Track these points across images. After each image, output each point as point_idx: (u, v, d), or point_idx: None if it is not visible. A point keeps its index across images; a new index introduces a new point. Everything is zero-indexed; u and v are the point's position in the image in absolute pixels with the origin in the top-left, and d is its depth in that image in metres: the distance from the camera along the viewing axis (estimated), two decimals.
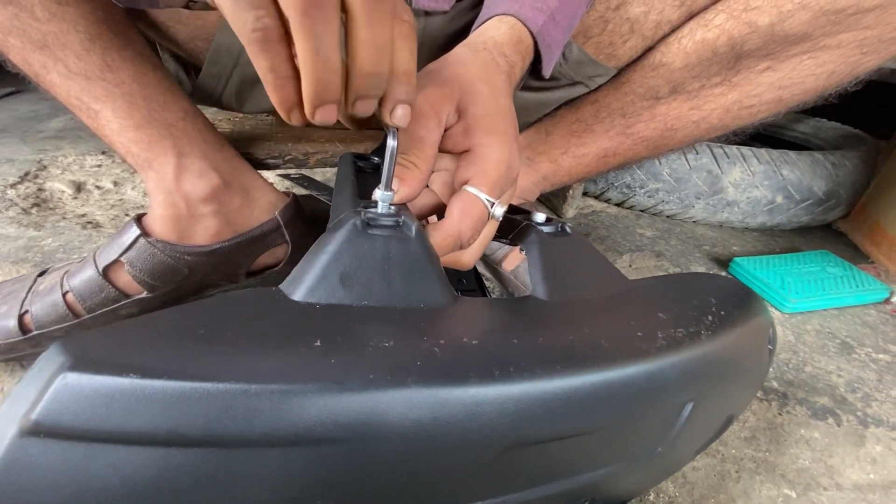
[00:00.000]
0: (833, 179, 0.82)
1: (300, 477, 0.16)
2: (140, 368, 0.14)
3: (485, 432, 0.18)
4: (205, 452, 0.15)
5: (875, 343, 0.59)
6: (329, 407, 0.16)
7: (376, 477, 0.18)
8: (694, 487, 0.38)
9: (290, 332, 0.18)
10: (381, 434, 0.17)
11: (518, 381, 0.19)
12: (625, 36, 0.46)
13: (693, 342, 0.23)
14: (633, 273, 0.68)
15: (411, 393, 0.17)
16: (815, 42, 0.42)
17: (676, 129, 0.50)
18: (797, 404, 0.48)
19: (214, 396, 0.15)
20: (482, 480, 0.20)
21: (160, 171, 0.41)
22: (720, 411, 0.30)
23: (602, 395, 0.20)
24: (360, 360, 0.17)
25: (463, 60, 0.29)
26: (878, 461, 0.43)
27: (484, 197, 0.26)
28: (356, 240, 0.21)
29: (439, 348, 0.19)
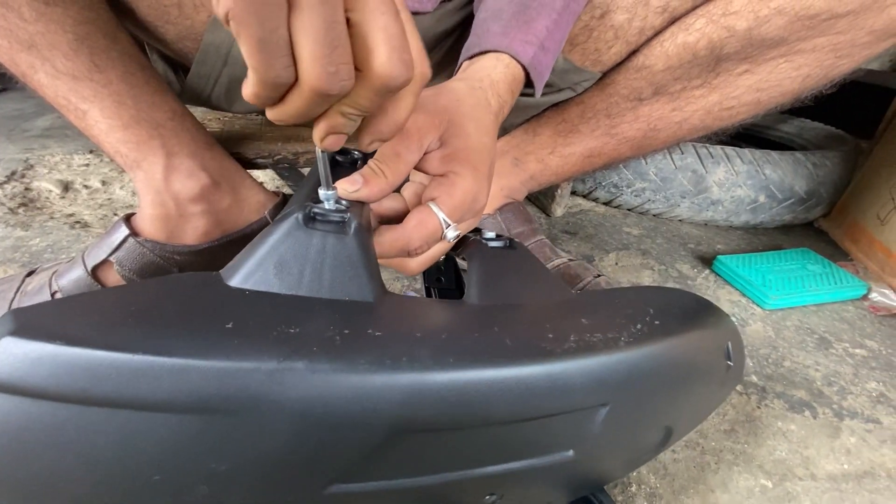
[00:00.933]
0: (814, 179, 0.84)
1: (196, 442, 0.18)
2: (66, 337, 0.17)
3: (370, 417, 0.19)
4: (113, 413, 0.17)
5: (852, 338, 0.61)
6: (223, 382, 0.18)
7: (265, 452, 0.19)
8: (674, 479, 0.39)
9: (210, 314, 0.20)
10: (269, 412, 0.18)
11: (408, 371, 0.19)
12: (609, 42, 0.47)
13: (608, 347, 0.24)
14: (619, 270, 0.70)
15: (299, 376, 0.18)
16: (790, 46, 0.43)
17: (659, 129, 0.52)
18: (775, 398, 0.49)
19: (120, 365, 0.17)
20: (372, 462, 0.21)
21: (149, 171, 0.41)
22: (652, 422, 0.30)
23: (497, 391, 0.21)
24: (260, 343, 0.19)
25: (458, 95, 0.31)
26: (852, 452, 0.44)
27: (442, 216, 0.28)
28: (295, 233, 0.23)
29: (341, 337, 0.20)
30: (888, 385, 0.53)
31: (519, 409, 0.22)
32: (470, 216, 0.30)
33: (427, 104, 0.29)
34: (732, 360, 0.31)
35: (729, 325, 0.31)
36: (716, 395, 0.34)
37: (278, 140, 0.55)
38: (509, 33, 0.37)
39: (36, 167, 0.76)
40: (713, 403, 0.35)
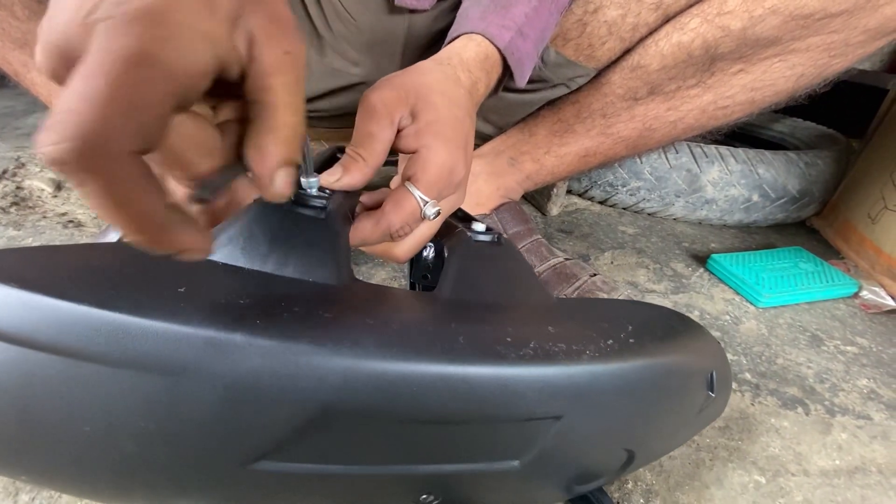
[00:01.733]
0: (806, 178, 0.84)
1: (127, 398, 0.19)
2: (23, 281, 0.18)
3: (303, 395, 0.19)
4: (51, 359, 0.18)
5: (843, 336, 0.61)
6: (160, 343, 0.18)
7: (193, 418, 0.19)
8: (670, 475, 0.40)
9: (166, 278, 0.20)
10: (201, 377, 0.18)
11: (347, 355, 0.19)
12: (603, 38, 0.47)
13: (568, 359, 0.23)
14: (614, 269, 0.70)
15: (236, 345, 0.18)
16: (785, 46, 0.44)
17: (655, 128, 0.52)
18: (768, 395, 0.50)
19: (66, 313, 0.18)
20: (301, 444, 0.21)
21: None
22: (611, 443, 0.28)
23: (437, 389, 0.20)
24: (205, 308, 0.19)
25: (424, 71, 0.30)
26: (843, 448, 0.45)
27: (418, 194, 0.27)
28: (269, 211, 0.23)
29: (288, 313, 0.20)
30: (878, 382, 0.54)
31: (461, 411, 0.21)
32: (449, 191, 0.29)
33: (393, 81, 0.29)
34: (714, 391, 0.29)
35: (716, 351, 0.30)
36: (691, 425, 0.32)
37: None
38: (486, 17, 0.36)
39: (28, 165, 0.75)
40: (688, 432, 0.34)
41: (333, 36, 0.50)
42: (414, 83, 0.29)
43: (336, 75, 0.52)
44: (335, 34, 0.50)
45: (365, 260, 0.62)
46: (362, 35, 0.49)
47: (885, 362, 0.57)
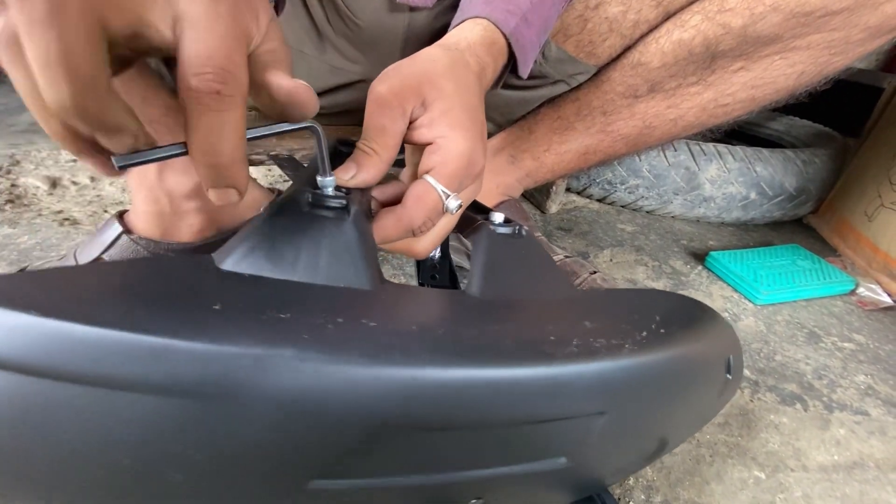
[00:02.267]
0: (803, 176, 0.85)
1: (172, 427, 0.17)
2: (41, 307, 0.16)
3: (358, 411, 0.18)
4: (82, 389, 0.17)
5: (840, 332, 0.62)
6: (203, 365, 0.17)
7: (244, 441, 0.18)
8: (671, 472, 0.40)
9: (197, 295, 0.19)
10: (252, 398, 0.17)
11: (400, 366, 0.19)
12: (604, 34, 0.47)
13: (610, 354, 0.23)
14: (613, 266, 0.70)
15: (286, 363, 0.17)
16: (785, 43, 0.44)
17: (655, 126, 0.52)
18: (767, 391, 0.50)
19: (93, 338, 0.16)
20: (357, 458, 0.20)
21: (142, 168, 0.40)
22: (648, 432, 0.29)
23: (491, 393, 0.20)
24: (246, 327, 0.18)
25: (433, 58, 0.29)
26: (841, 443, 0.45)
27: (440, 188, 0.26)
28: (291, 217, 0.22)
29: (333, 325, 0.19)
30: (876, 378, 0.54)
31: (515, 413, 0.21)
32: (469, 181, 0.28)
33: (402, 70, 0.27)
34: (731, 374, 0.30)
35: (731, 336, 0.31)
36: (712, 407, 0.33)
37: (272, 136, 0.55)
38: (491, 2, 0.36)
39: (22, 163, 0.75)
40: (708, 415, 0.35)
41: (333, 33, 0.50)
42: (424, 71, 0.28)
43: (336, 73, 0.52)
44: (335, 32, 0.50)
45: None
46: (362, 33, 0.49)
47: (881, 358, 0.58)
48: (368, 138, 0.26)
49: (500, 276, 0.27)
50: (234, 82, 0.18)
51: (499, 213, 0.31)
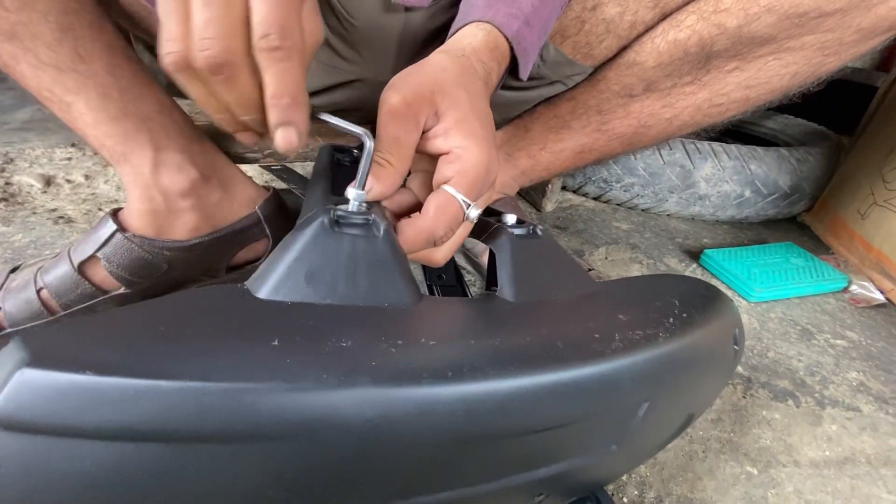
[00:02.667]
0: (797, 174, 0.85)
1: (252, 472, 0.17)
2: (96, 365, 0.15)
3: (436, 430, 0.19)
4: (158, 447, 0.16)
5: (833, 329, 0.62)
6: (280, 406, 0.16)
7: (328, 472, 0.18)
8: (664, 468, 0.40)
9: (249, 331, 0.18)
10: (333, 432, 0.17)
11: (470, 381, 0.19)
12: (601, 36, 0.47)
13: (650, 344, 0.24)
14: (608, 264, 0.70)
15: (363, 392, 0.17)
16: (779, 44, 0.44)
17: (650, 125, 0.52)
18: (760, 388, 0.51)
19: (167, 393, 0.15)
20: (435, 475, 0.21)
21: (136, 165, 0.40)
22: (679, 410, 0.31)
23: (554, 396, 0.21)
24: (314, 360, 0.18)
25: (442, 66, 0.29)
26: (833, 439, 0.46)
27: (461, 197, 0.27)
28: (323, 238, 0.22)
29: (395, 349, 0.19)
30: (867, 374, 0.55)
31: (575, 411, 0.22)
32: (486, 189, 0.28)
33: (412, 79, 0.28)
34: (738, 345, 0.32)
35: (735, 311, 0.33)
36: (725, 377, 0.35)
37: None
38: (493, 5, 0.36)
39: (16, 161, 0.74)
40: (722, 385, 0.37)
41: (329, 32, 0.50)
42: (435, 80, 0.28)
43: (331, 72, 0.52)
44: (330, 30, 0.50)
45: None
46: (357, 32, 0.48)
47: (873, 355, 0.58)
48: (383, 149, 0.26)
49: (528, 278, 0.27)
50: (291, 38, 0.22)
51: (510, 214, 0.31)
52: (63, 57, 0.36)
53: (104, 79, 0.37)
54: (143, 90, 0.40)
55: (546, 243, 0.30)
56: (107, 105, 0.38)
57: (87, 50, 0.36)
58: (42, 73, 0.36)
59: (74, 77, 0.36)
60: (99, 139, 0.39)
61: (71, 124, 0.39)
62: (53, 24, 0.34)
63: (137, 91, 0.39)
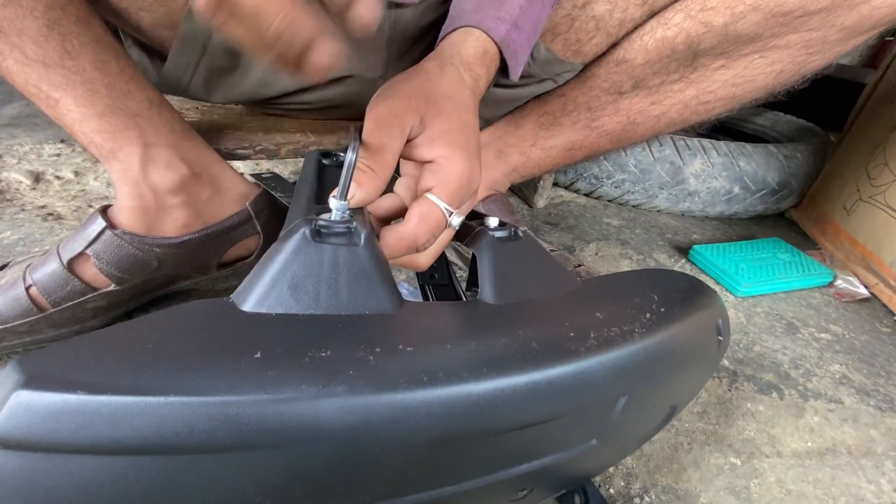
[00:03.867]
0: (786, 171, 0.86)
1: (239, 480, 0.18)
2: (87, 385, 0.16)
3: (414, 434, 0.20)
4: (148, 460, 0.17)
5: (818, 323, 0.64)
6: (262, 417, 0.17)
7: (312, 479, 0.19)
8: (650, 459, 0.41)
9: (233, 345, 0.19)
10: (313, 440, 0.18)
11: (445, 385, 0.20)
12: (591, 33, 0.47)
13: (625, 341, 0.25)
14: (598, 260, 0.71)
15: (341, 401, 0.18)
16: (765, 42, 0.44)
17: (639, 122, 0.53)
18: (745, 381, 0.52)
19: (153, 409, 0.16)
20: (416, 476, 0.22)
21: (125, 162, 0.40)
22: (660, 403, 0.31)
23: (529, 396, 0.22)
24: (294, 372, 0.18)
25: (430, 75, 0.30)
26: (815, 430, 0.47)
27: (443, 206, 0.27)
28: (305, 249, 0.22)
29: (373, 356, 0.20)
30: (850, 367, 0.56)
31: (551, 409, 0.23)
32: (468, 198, 0.29)
33: (400, 87, 0.28)
34: (722, 336, 0.33)
35: (719, 302, 0.33)
36: (709, 368, 0.35)
37: (259, 130, 0.55)
38: (481, 10, 0.36)
39: (4, 157, 0.73)
40: (707, 376, 0.37)
41: None
42: (422, 89, 0.28)
43: None
44: None
45: None
46: None
47: (856, 348, 0.60)
48: (366, 155, 0.26)
49: (509, 281, 0.28)
50: None
51: (492, 217, 0.32)
52: (50, 52, 0.35)
53: (92, 74, 0.37)
54: (131, 86, 0.40)
55: (527, 245, 0.30)
56: (94, 101, 0.38)
57: (74, 45, 0.36)
58: (29, 69, 0.36)
59: (61, 73, 0.36)
60: (87, 136, 0.39)
61: (59, 120, 0.39)
62: (40, 20, 0.34)
63: (125, 87, 0.39)
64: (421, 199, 0.28)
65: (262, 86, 0.51)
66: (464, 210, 0.30)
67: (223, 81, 0.50)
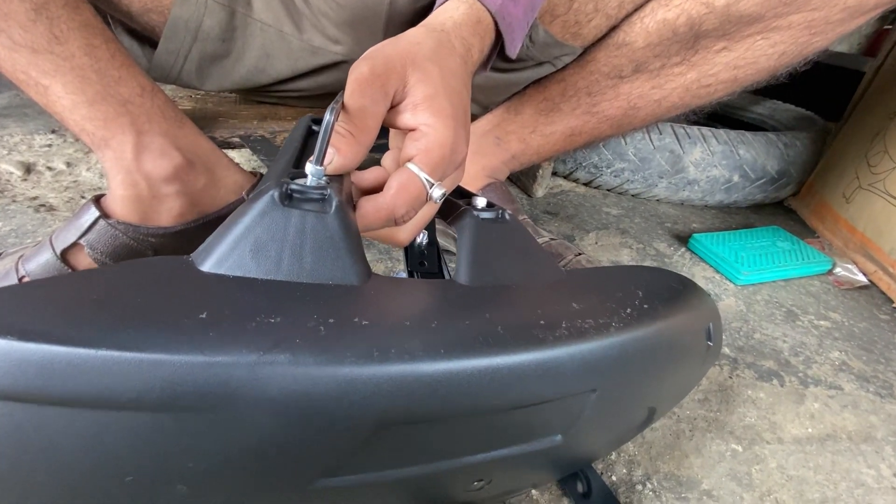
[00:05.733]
0: (785, 159, 0.86)
1: (170, 441, 0.18)
2: (19, 331, 0.15)
3: (359, 411, 0.19)
4: (77, 413, 0.16)
5: (817, 311, 0.64)
6: (197, 378, 0.17)
7: (246, 447, 0.18)
8: (652, 446, 0.41)
9: (181, 303, 0.18)
10: (249, 407, 0.17)
11: (396, 363, 0.19)
12: (590, 15, 0.47)
13: (598, 334, 0.23)
14: (598, 249, 0.71)
15: (282, 370, 0.17)
16: (767, 23, 0.44)
17: (639, 107, 0.52)
18: (746, 368, 0.52)
19: (83, 361, 0.16)
20: (360, 455, 0.21)
21: (118, 150, 0.39)
22: (636, 404, 0.30)
23: (486, 381, 0.20)
24: (237, 335, 0.18)
25: (417, 40, 0.28)
26: (815, 417, 0.47)
27: (424, 176, 0.26)
28: (271, 212, 0.21)
29: (325, 327, 0.19)
30: (850, 354, 0.56)
31: (510, 398, 0.22)
32: (452, 170, 0.28)
33: (385, 51, 0.27)
34: (712, 341, 0.31)
35: (710, 305, 0.32)
36: (696, 374, 0.34)
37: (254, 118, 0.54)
38: None
39: None
40: (693, 381, 0.36)
41: (312, 12, 0.49)
42: (408, 53, 0.27)
43: (316, 53, 0.51)
44: (314, 10, 0.48)
45: None
46: (343, 11, 0.48)
47: (856, 335, 0.60)
48: (347, 119, 0.25)
49: (487, 263, 0.27)
50: None
51: (481, 197, 0.30)
52: (37, 37, 0.35)
53: (81, 60, 0.36)
54: (122, 72, 0.39)
55: (513, 229, 0.29)
56: (84, 88, 0.37)
57: (62, 30, 0.35)
58: (16, 55, 0.35)
59: (50, 59, 0.35)
60: (78, 123, 0.38)
61: (48, 108, 0.38)
62: (27, 3, 0.33)
63: (116, 73, 0.38)
64: (401, 168, 0.26)
65: (256, 72, 0.50)
66: (448, 183, 0.28)
67: (216, 68, 0.49)
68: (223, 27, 0.47)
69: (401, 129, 0.27)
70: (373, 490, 0.23)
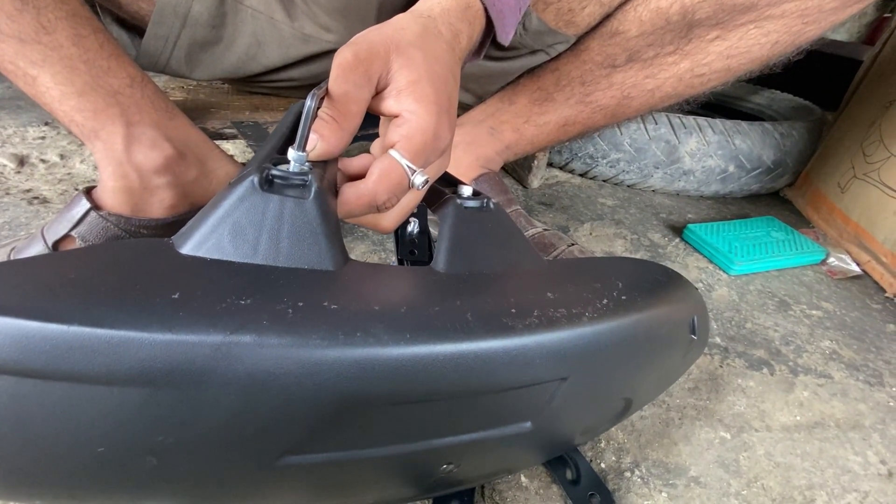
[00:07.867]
0: (781, 149, 0.86)
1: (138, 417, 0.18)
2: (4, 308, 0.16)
3: (322, 393, 0.19)
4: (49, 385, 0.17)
5: (809, 301, 0.64)
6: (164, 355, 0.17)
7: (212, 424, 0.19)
8: (641, 434, 0.42)
9: (156, 284, 0.19)
10: (214, 386, 0.18)
11: (362, 346, 0.19)
12: (583, 2, 0.46)
13: (570, 323, 0.24)
14: (593, 240, 0.71)
15: (248, 350, 0.18)
16: (760, 12, 0.44)
17: (633, 97, 0.52)
18: (736, 357, 0.52)
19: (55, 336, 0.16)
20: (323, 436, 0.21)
21: (108, 142, 0.39)
22: (611, 394, 0.30)
23: (452, 366, 0.21)
24: (206, 315, 0.18)
25: (402, 25, 0.28)
26: (804, 405, 0.47)
27: (405, 163, 0.26)
28: (250, 197, 0.21)
29: (293, 310, 0.19)
30: (840, 343, 0.57)
31: (477, 384, 0.22)
32: (435, 156, 0.28)
33: (369, 36, 0.26)
34: (697, 334, 0.31)
35: (696, 298, 0.32)
36: (678, 366, 0.34)
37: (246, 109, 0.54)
38: None
39: None
40: (675, 374, 0.36)
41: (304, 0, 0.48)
42: (392, 38, 0.27)
43: (308, 41, 0.51)
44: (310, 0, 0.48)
45: (344, 234, 0.62)
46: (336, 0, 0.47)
47: (847, 325, 0.60)
48: (330, 105, 0.25)
49: (467, 251, 0.27)
50: None
51: (468, 186, 0.30)
52: (25, 27, 0.34)
53: (69, 50, 0.36)
54: (111, 62, 0.39)
55: (497, 218, 0.29)
56: (73, 78, 0.37)
57: (49, 20, 0.35)
58: (4, 46, 0.35)
59: (38, 49, 0.35)
60: (68, 114, 0.38)
61: (38, 99, 0.38)
62: None
63: (105, 63, 0.38)
64: (384, 154, 0.26)
65: (247, 60, 0.50)
66: (432, 171, 0.28)
67: (206, 55, 0.49)
68: (213, 13, 0.46)
69: (385, 115, 0.27)
70: (340, 469, 0.24)
